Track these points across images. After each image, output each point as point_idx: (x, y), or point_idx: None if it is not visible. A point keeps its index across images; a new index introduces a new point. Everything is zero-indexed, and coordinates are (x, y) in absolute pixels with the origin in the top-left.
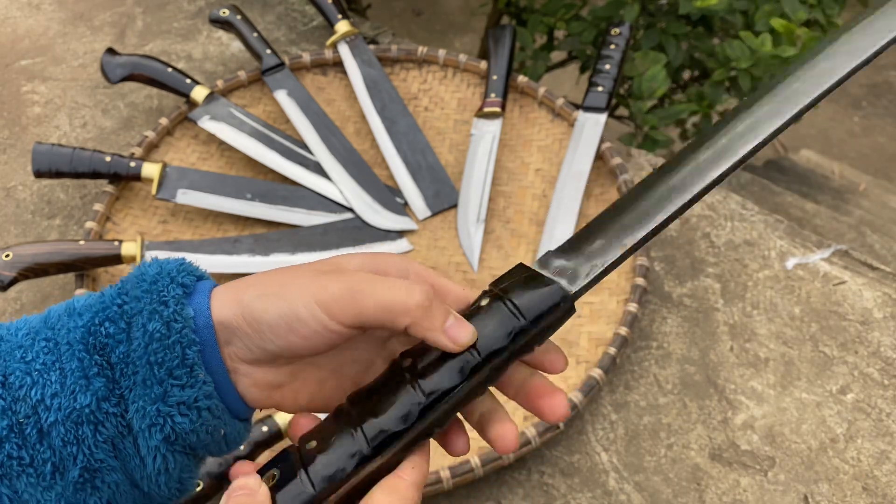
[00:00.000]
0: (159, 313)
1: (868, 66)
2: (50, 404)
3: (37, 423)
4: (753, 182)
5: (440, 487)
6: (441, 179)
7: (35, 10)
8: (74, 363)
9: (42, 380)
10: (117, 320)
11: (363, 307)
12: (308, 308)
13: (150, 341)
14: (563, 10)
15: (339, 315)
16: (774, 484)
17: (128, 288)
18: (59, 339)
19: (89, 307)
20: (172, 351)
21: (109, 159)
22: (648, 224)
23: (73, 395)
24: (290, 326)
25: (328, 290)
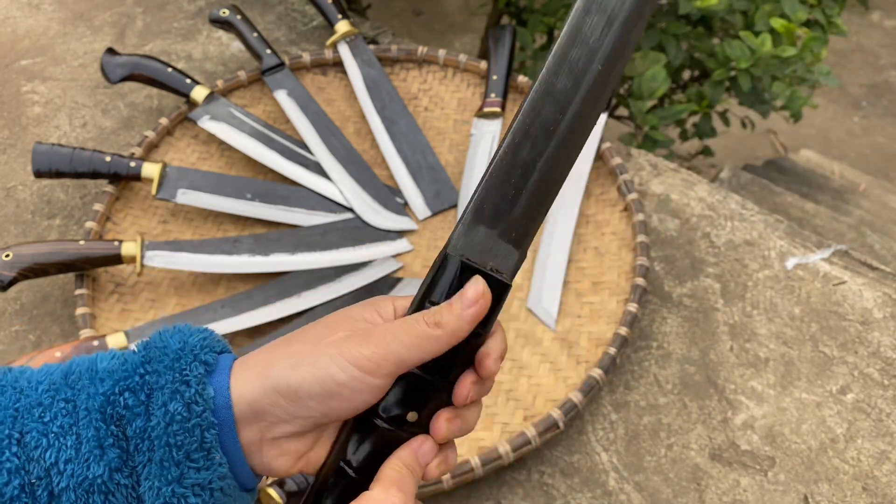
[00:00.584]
0: (181, 394)
1: (868, 66)
2: (63, 469)
3: (48, 485)
4: (753, 182)
5: (440, 487)
6: (441, 179)
7: (35, 10)
8: (91, 431)
9: (58, 443)
10: (137, 392)
11: (399, 362)
12: (346, 371)
13: (170, 422)
14: (563, 10)
15: (375, 371)
16: (774, 484)
17: (151, 357)
18: (79, 402)
19: (111, 373)
20: (192, 434)
21: (109, 159)
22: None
23: (87, 463)
24: (330, 392)
25: (361, 351)
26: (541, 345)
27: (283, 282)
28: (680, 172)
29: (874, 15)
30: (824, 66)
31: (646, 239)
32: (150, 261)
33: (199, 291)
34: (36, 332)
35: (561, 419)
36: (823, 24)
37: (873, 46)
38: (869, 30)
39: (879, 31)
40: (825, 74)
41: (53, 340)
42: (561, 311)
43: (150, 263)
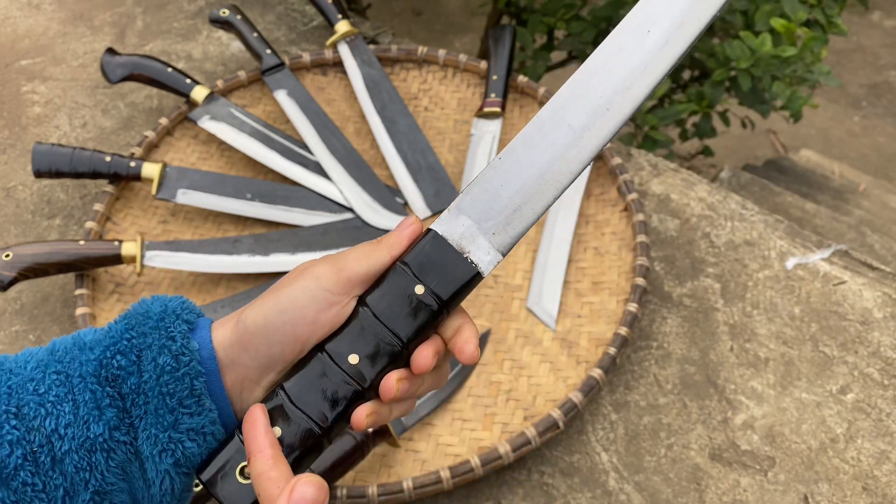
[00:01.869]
0: (168, 348)
1: (868, 66)
2: (64, 434)
3: (50, 451)
4: (753, 182)
5: (440, 487)
6: (441, 179)
7: (35, 10)
8: (87, 395)
9: (56, 411)
10: (128, 353)
11: (351, 272)
12: (306, 291)
13: (160, 374)
14: (563, 10)
15: (333, 286)
16: (774, 484)
17: (134, 323)
18: (71, 371)
19: (99, 341)
20: (182, 382)
21: (109, 159)
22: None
23: (87, 424)
24: (296, 318)
25: (317, 271)
26: (541, 345)
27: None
28: (680, 172)
29: (874, 15)
30: (824, 66)
31: (646, 239)
32: (150, 261)
33: (199, 291)
34: (36, 332)
35: (561, 419)
36: (823, 24)
37: (873, 46)
38: (869, 30)
39: (879, 31)
40: (825, 74)
41: None
42: (561, 311)
43: (150, 263)
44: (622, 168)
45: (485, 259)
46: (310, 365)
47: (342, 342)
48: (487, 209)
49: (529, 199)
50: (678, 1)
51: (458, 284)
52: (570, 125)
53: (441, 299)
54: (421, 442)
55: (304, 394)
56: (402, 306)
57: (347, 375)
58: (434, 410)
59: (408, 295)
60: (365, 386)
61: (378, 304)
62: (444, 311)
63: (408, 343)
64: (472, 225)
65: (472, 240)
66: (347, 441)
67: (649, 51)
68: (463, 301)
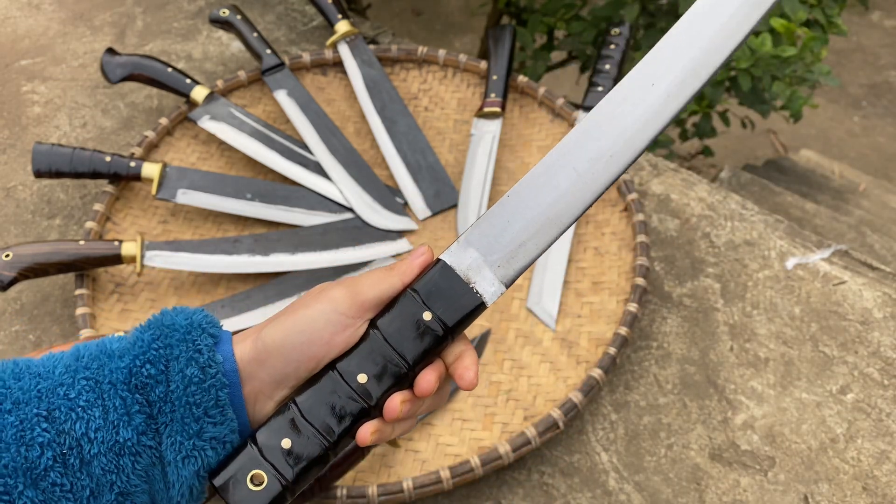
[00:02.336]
0: (196, 360)
1: (868, 66)
2: (94, 437)
3: (79, 453)
4: (753, 182)
5: (440, 487)
6: (441, 179)
7: (35, 10)
8: (117, 401)
9: (86, 416)
10: (156, 363)
11: (364, 297)
12: (323, 314)
13: (188, 384)
14: (563, 10)
15: (347, 310)
16: (774, 484)
17: (160, 334)
18: (100, 378)
19: (127, 350)
20: (208, 393)
21: (109, 159)
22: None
23: (116, 429)
24: (311, 339)
25: (333, 295)
26: (541, 345)
27: (283, 282)
28: (680, 172)
29: (874, 15)
30: (824, 66)
31: (646, 239)
32: (150, 261)
33: (198, 291)
34: (36, 332)
35: (561, 419)
36: (823, 24)
37: (873, 46)
38: (869, 30)
39: (879, 31)
40: (825, 74)
41: (53, 340)
42: (561, 311)
43: (150, 263)
44: None
45: (489, 290)
46: (321, 382)
47: (352, 362)
48: (494, 243)
49: (534, 235)
50: (682, 59)
51: (463, 313)
52: (574, 169)
53: (446, 326)
54: (421, 442)
55: (315, 409)
56: (410, 331)
57: (356, 393)
58: (434, 410)
59: (416, 320)
60: (371, 404)
61: (388, 327)
62: (449, 338)
63: (413, 365)
64: (478, 257)
65: (478, 271)
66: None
67: (652, 104)
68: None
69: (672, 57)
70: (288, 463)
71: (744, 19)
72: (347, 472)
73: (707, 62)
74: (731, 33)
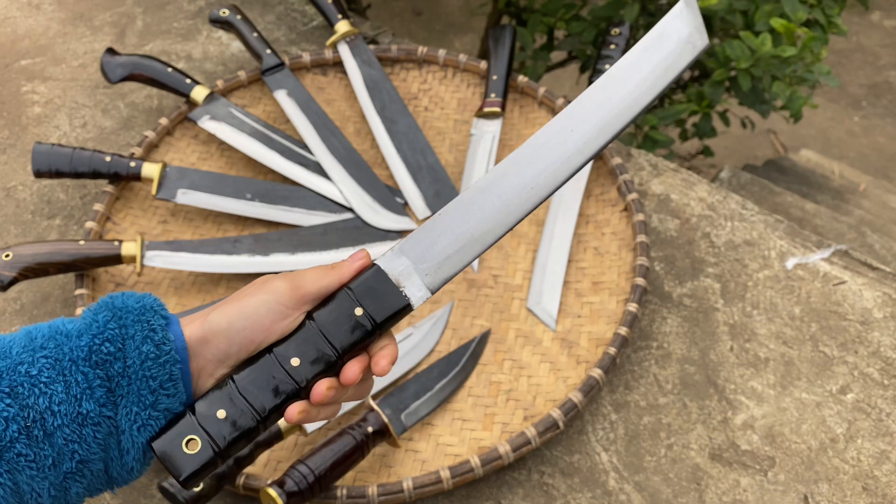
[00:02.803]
0: (151, 338)
1: (868, 66)
2: (56, 410)
3: (42, 426)
4: (753, 182)
5: (440, 487)
6: (441, 179)
7: (35, 10)
8: (79, 376)
9: (49, 391)
10: (115, 341)
11: (304, 290)
12: (265, 303)
13: (144, 359)
14: (563, 10)
15: (288, 300)
16: (774, 484)
17: (115, 315)
18: (60, 357)
19: (85, 330)
20: (163, 368)
21: (109, 159)
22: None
23: (79, 401)
24: (254, 324)
25: (276, 285)
26: (541, 345)
27: None
28: (680, 172)
29: (874, 15)
30: (824, 66)
31: (646, 239)
32: (150, 261)
33: (199, 291)
34: None
35: (561, 419)
36: (823, 24)
37: (873, 46)
38: (869, 30)
39: (879, 31)
40: (825, 74)
41: None
42: (561, 311)
43: (150, 263)
44: (622, 168)
45: (416, 294)
46: (258, 363)
47: (288, 347)
48: (424, 254)
49: (459, 250)
50: (600, 111)
51: (390, 311)
52: (499, 196)
53: (375, 322)
54: (421, 442)
55: (250, 386)
56: (342, 324)
57: (288, 375)
58: (434, 410)
59: (348, 315)
60: (301, 386)
61: (323, 319)
62: (377, 333)
63: (342, 355)
64: (409, 265)
65: (408, 277)
66: (347, 441)
67: (569, 147)
68: (395, 326)
69: (589, 111)
70: (221, 432)
71: (654, 83)
72: (347, 471)
73: (619, 118)
74: (641, 96)
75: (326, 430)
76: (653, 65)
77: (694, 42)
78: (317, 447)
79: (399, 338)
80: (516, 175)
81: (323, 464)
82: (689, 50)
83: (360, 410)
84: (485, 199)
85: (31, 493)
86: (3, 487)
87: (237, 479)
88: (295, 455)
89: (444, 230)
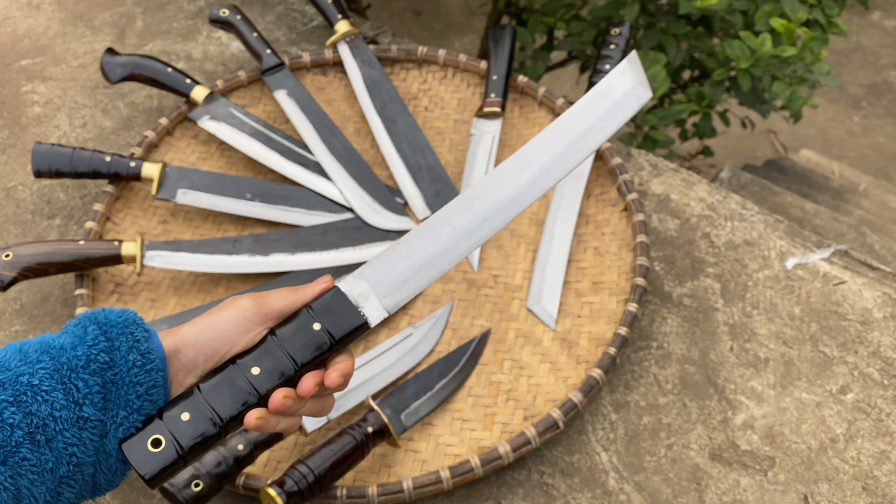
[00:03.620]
0: (137, 348)
1: (868, 66)
2: (58, 416)
3: (44, 431)
4: (753, 182)
5: (440, 487)
6: (441, 179)
7: (35, 10)
8: (80, 383)
9: (50, 398)
10: (108, 351)
11: (268, 308)
12: (232, 317)
13: (131, 367)
14: (563, 10)
15: (254, 316)
16: (774, 484)
17: (102, 329)
18: (59, 366)
19: (79, 342)
20: (149, 375)
21: (109, 159)
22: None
23: (80, 406)
24: (222, 336)
25: (243, 303)
26: (541, 345)
27: (283, 282)
28: (680, 172)
29: (874, 15)
30: (824, 66)
31: (646, 239)
32: (150, 261)
33: (199, 291)
34: (36, 332)
35: (561, 419)
36: (823, 24)
37: (873, 46)
38: (869, 30)
39: (879, 31)
40: (825, 74)
41: None
42: (561, 311)
43: (150, 263)
44: (622, 168)
45: (374, 314)
46: (223, 372)
47: (250, 358)
48: (383, 278)
49: (415, 275)
50: (549, 152)
51: (348, 329)
52: (454, 227)
53: (333, 337)
54: (421, 442)
55: (214, 393)
56: (301, 338)
57: (249, 384)
58: (434, 410)
59: (307, 330)
60: (261, 394)
61: (284, 334)
62: (334, 348)
63: (301, 367)
64: (368, 288)
65: (366, 298)
66: (347, 441)
67: (521, 185)
68: (353, 342)
69: (539, 153)
70: (185, 433)
71: (600, 131)
72: (347, 471)
73: (567, 161)
74: (588, 142)
75: (326, 431)
76: (599, 114)
77: (638, 94)
78: (317, 447)
79: (399, 338)
80: (471, 210)
81: (323, 464)
82: (633, 101)
83: (360, 410)
84: (441, 230)
85: (29, 497)
86: (7, 492)
87: (237, 479)
88: (295, 455)
89: (403, 257)
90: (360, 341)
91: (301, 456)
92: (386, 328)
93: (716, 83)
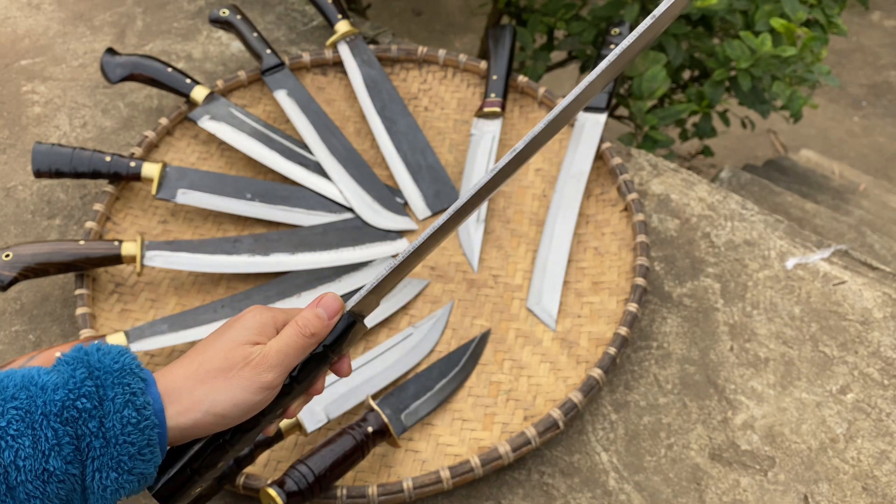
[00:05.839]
0: (132, 403)
1: (868, 66)
2: (21, 465)
3: (5, 479)
4: (753, 182)
5: (440, 487)
6: (441, 179)
7: (35, 10)
8: (49, 432)
9: (15, 444)
10: (91, 397)
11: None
12: (258, 394)
13: (125, 424)
14: (563, 10)
15: (278, 386)
16: (774, 484)
17: (92, 373)
18: (32, 409)
19: (61, 385)
20: (143, 434)
21: (109, 159)
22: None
23: (46, 458)
24: (248, 411)
25: (266, 377)
26: (541, 345)
27: (283, 282)
28: (680, 172)
29: (874, 15)
30: (824, 66)
31: (646, 239)
32: (150, 261)
33: (199, 291)
34: (36, 332)
35: (561, 419)
36: (823, 24)
37: (873, 46)
38: (869, 30)
39: (879, 31)
40: (825, 74)
41: (53, 340)
42: (561, 311)
43: (150, 263)
44: (622, 168)
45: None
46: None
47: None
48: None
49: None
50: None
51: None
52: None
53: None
54: (421, 442)
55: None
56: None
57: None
58: (434, 410)
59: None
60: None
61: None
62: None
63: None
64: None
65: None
66: (347, 441)
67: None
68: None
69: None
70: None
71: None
72: (347, 471)
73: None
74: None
75: (326, 431)
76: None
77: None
78: (317, 447)
79: (399, 338)
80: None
81: (323, 464)
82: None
83: (360, 410)
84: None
85: None
86: None
87: (237, 479)
88: (295, 455)
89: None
90: (361, 341)
91: (301, 456)
92: (386, 328)
93: (716, 83)
